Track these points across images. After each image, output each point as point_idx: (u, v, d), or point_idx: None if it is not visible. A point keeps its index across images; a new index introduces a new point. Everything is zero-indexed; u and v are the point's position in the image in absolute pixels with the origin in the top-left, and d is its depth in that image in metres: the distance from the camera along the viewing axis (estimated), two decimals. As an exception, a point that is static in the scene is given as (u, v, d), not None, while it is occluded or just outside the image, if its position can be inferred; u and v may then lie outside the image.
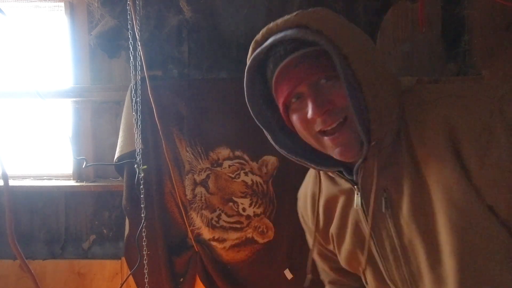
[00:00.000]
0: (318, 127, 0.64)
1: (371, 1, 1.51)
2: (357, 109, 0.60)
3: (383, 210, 0.66)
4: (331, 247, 0.83)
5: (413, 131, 0.63)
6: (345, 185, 0.72)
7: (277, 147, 0.73)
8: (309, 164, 0.71)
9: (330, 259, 0.89)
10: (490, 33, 1.44)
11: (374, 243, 0.69)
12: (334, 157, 0.65)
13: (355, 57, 0.60)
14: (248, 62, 0.68)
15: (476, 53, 1.47)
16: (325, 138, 0.64)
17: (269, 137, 0.74)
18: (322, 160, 0.71)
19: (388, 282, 0.71)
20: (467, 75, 1.48)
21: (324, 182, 0.78)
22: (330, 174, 0.75)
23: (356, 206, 0.69)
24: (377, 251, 0.70)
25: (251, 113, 0.72)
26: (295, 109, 0.67)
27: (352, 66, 0.60)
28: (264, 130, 0.73)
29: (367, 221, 0.69)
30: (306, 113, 0.63)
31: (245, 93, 0.70)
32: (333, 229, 0.78)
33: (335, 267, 0.90)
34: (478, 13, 1.45)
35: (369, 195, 0.67)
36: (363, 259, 0.73)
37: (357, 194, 0.68)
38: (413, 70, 1.50)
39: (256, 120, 0.72)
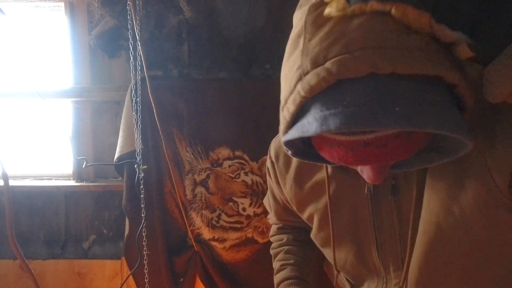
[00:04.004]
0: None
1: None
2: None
3: (389, 196, 0.65)
4: (303, 216, 0.81)
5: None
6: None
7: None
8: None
9: (291, 214, 0.90)
10: (490, 33, 1.44)
11: (373, 227, 0.68)
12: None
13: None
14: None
15: (476, 53, 1.47)
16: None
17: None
18: None
19: (376, 261, 0.70)
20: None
21: None
22: None
23: (368, 191, 0.65)
24: (374, 235, 0.69)
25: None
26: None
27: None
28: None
29: (370, 206, 0.67)
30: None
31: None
32: (318, 207, 0.74)
33: (288, 219, 0.96)
34: (478, 13, 1.45)
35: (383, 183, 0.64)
36: (350, 241, 0.72)
37: None
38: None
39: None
